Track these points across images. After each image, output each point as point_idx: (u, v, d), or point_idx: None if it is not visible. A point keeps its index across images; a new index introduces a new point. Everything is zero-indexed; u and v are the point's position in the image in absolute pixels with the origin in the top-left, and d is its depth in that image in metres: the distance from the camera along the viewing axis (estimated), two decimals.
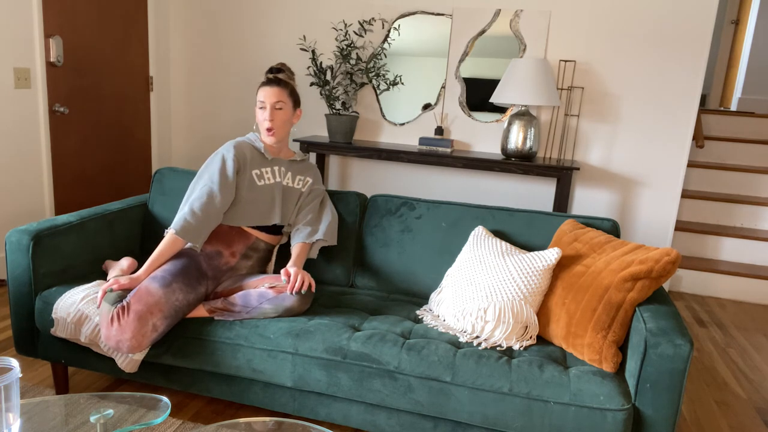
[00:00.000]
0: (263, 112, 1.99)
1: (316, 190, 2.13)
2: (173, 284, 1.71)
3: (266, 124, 1.99)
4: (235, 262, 1.95)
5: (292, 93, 2.03)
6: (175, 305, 1.70)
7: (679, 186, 3.35)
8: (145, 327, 1.63)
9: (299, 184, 2.10)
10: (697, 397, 2.29)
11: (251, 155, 2.02)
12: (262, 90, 1.99)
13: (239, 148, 1.99)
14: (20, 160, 2.97)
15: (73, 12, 3.14)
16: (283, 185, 2.05)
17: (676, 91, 3.25)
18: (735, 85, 5.70)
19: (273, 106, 1.98)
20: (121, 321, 1.62)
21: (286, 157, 2.10)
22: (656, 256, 1.56)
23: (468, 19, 3.45)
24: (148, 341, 1.65)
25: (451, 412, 1.56)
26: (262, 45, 3.85)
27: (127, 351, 1.64)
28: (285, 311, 1.77)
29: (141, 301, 1.64)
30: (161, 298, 1.66)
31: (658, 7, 3.19)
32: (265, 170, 2.03)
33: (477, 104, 3.55)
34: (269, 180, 2.03)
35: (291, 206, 2.07)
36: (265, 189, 2.01)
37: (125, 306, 1.64)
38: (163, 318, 1.66)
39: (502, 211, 2.10)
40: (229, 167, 1.93)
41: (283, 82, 2.01)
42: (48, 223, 1.90)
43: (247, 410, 1.98)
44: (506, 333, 1.69)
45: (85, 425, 1.30)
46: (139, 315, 1.62)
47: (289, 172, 2.08)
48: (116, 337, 1.62)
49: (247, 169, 1.99)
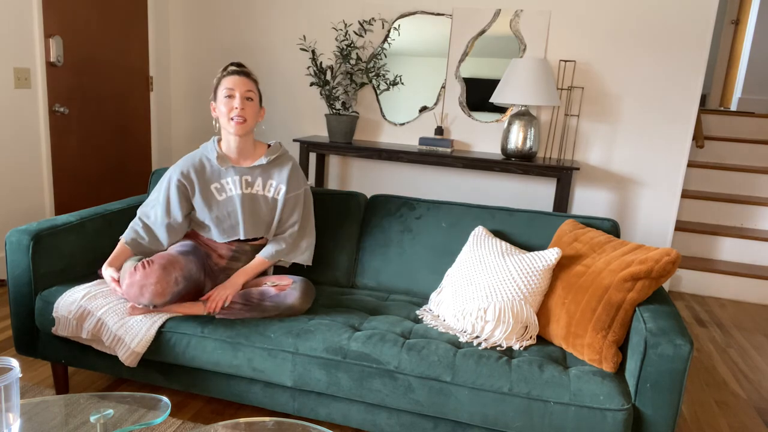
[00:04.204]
0: (231, 101, 1.81)
1: (292, 198, 1.92)
2: (190, 255, 1.79)
3: (235, 113, 1.80)
4: (225, 263, 1.94)
5: (258, 90, 1.89)
6: (192, 271, 1.76)
7: (679, 186, 3.35)
8: (169, 276, 1.67)
9: (270, 191, 1.92)
10: (697, 397, 2.29)
11: (207, 168, 1.88)
12: (230, 79, 1.82)
13: (188, 169, 1.87)
14: (20, 160, 2.97)
15: (73, 12, 3.14)
16: (248, 194, 1.88)
17: (676, 91, 3.25)
18: (735, 85, 5.70)
19: (243, 95, 1.81)
20: (146, 269, 1.66)
21: (249, 161, 1.91)
22: (656, 256, 1.56)
23: (468, 19, 3.45)
24: (171, 291, 1.69)
25: (451, 412, 1.56)
26: (262, 45, 3.85)
27: (149, 298, 1.66)
28: (286, 309, 1.77)
29: (164, 257, 1.71)
30: (182, 259, 1.74)
31: (658, 7, 3.19)
32: (225, 182, 1.88)
33: (477, 104, 3.55)
34: (230, 192, 1.88)
35: (262, 216, 1.90)
36: (226, 203, 1.88)
37: (148, 261, 1.69)
38: (183, 277, 1.72)
39: (502, 211, 2.10)
40: (173, 205, 1.86)
41: (251, 75, 1.87)
42: (48, 223, 1.90)
43: (247, 410, 1.98)
44: (506, 333, 1.69)
45: (85, 425, 1.30)
46: (164, 266, 1.68)
47: (259, 178, 1.90)
48: (141, 281, 1.65)
49: (205, 185, 1.87)
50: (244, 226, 1.87)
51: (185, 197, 1.88)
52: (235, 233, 1.89)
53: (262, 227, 1.91)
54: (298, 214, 1.94)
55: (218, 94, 1.84)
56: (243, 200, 1.87)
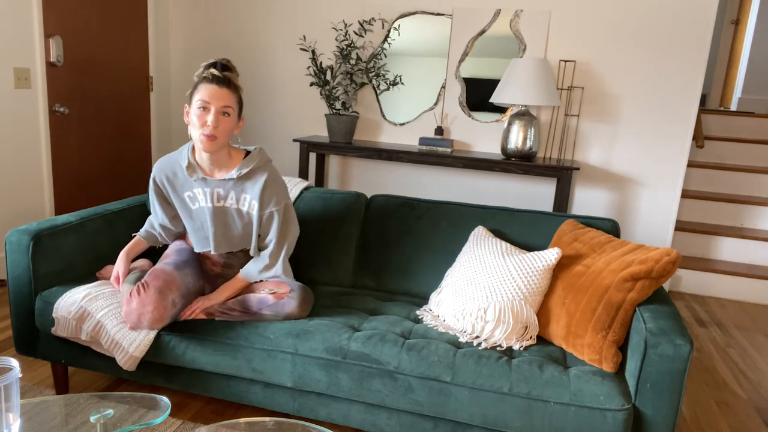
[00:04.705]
0: (204, 115, 1.64)
1: (266, 215, 1.78)
2: (185, 269, 1.78)
3: (207, 130, 1.63)
4: (219, 269, 1.92)
5: (239, 101, 1.71)
6: (188, 286, 1.76)
7: (679, 186, 3.35)
8: (165, 300, 1.67)
9: (244, 205, 1.77)
10: (697, 397, 2.29)
11: (179, 176, 1.79)
12: (208, 87, 1.64)
13: (160, 175, 1.81)
14: (20, 160, 2.97)
15: (73, 12, 3.14)
16: (220, 207, 1.78)
17: (676, 91, 3.25)
18: (735, 85, 5.70)
19: (219, 110, 1.64)
20: (142, 295, 1.66)
21: (222, 173, 1.76)
22: (656, 256, 1.56)
23: (468, 19, 3.45)
24: (169, 315, 1.69)
25: (451, 412, 1.56)
26: (262, 45, 3.85)
27: (148, 325, 1.66)
28: (285, 318, 1.77)
29: (159, 278, 1.69)
30: (177, 277, 1.73)
31: (658, 7, 3.19)
32: (197, 191, 1.78)
33: (477, 104, 3.55)
34: (201, 203, 1.78)
35: (236, 231, 1.81)
36: (198, 213, 1.81)
37: (144, 283, 1.68)
38: (180, 295, 1.72)
39: (502, 211, 2.10)
40: (156, 206, 1.88)
41: (233, 84, 1.68)
42: (48, 223, 1.90)
43: (247, 410, 1.98)
44: (506, 333, 1.69)
45: (85, 425, 1.30)
46: (159, 289, 1.66)
47: (232, 192, 1.76)
48: (138, 310, 1.65)
49: (178, 192, 1.80)
50: (215, 241, 1.80)
51: (167, 201, 1.88)
52: (208, 245, 1.84)
53: (237, 241, 1.83)
54: (273, 233, 1.79)
55: (192, 101, 1.67)
56: (214, 214, 1.78)
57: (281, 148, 3.97)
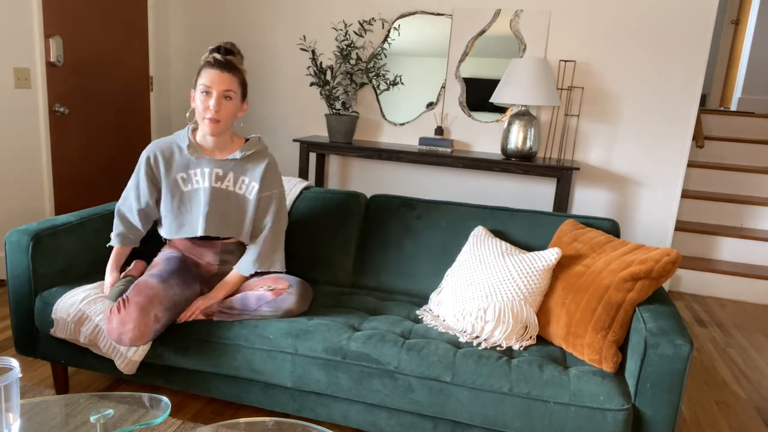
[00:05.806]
0: (207, 99, 1.70)
1: (264, 198, 1.82)
2: (170, 280, 1.72)
3: (209, 114, 1.70)
4: (217, 268, 1.90)
5: (242, 83, 1.76)
6: (174, 298, 1.70)
7: (679, 186, 3.35)
8: (147, 317, 1.59)
9: (242, 188, 1.81)
10: (697, 397, 2.29)
11: (176, 156, 1.80)
12: (210, 72, 1.69)
13: (156, 153, 1.80)
14: (20, 160, 2.97)
15: (73, 12, 3.14)
16: (217, 189, 1.78)
17: (676, 91, 3.25)
18: (735, 85, 5.70)
19: (221, 95, 1.70)
20: (122, 312, 1.58)
21: (223, 155, 1.81)
22: (656, 256, 1.56)
23: (468, 19, 3.45)
24: (151, 332, 1.61)
25: (451, 412, 1.56)
26: (262, 45, 3.85)
27: (129, 343, 1.59)
28: (284, 313, 1.76)
29: (141, 293, 1.62)
30: (160, 290, 1.66)
31: (658, 7, 3.19)
32: (194, 172, 1.79)
33: (477, 104, 3.55)
34: (197, 184, 1.78)
35: (229, 215, 1.80)
36: (191, 195, 1.79)
37: (125, 299, 1.61)
38: (164, 310, 1.65)
39: (502, 211, 2.10)
40: (142, 186, 1.81)
41: (235, 68, 1.73)
42: (48, 223, 1.90)
43: (247, 410, 1.98)
44: (506, 333, 1.69)
45: (85, 425, 1.30)
46: (141, 306, 1.59)
47: (231, 173, 1.80)
48: (118, 329, 1.58)
49: (171, 172, 1.79)
50: (206, 223, 1.76)
51: (154, 183, 1.83)
52: (191, 230, 1.79)
53: (228, 227, 1.81)
54: (270, 216, 1.83)
55: (197, 85, 1.72)
56: (211, 194, 1.77)
57: (281, 147, 3.97)
